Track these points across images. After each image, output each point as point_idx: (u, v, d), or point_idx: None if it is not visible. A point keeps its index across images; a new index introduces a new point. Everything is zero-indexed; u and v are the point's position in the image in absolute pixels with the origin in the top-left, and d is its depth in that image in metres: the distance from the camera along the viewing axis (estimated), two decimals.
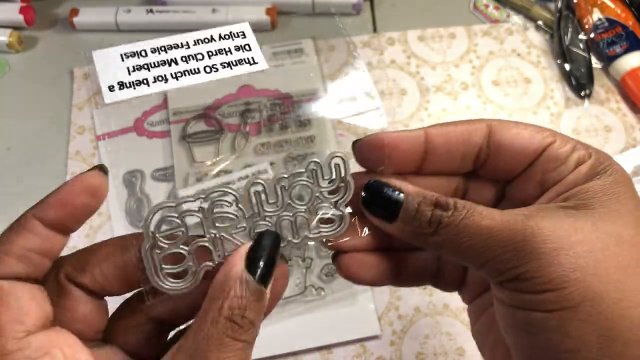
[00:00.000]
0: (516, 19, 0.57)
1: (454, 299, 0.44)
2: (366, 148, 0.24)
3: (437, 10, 0.58)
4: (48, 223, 0.22)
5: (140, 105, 0.52)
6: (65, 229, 0.23)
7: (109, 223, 0.47)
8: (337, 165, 0.24)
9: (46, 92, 0.53)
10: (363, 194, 0.24)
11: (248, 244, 0.22)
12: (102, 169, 0.23)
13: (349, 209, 0.24)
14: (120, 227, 0.47)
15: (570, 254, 0.20)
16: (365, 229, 0.25)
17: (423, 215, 0.22)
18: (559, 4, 0.56)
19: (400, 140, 0.24)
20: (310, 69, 0.53)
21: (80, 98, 0.53)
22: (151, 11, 0.56)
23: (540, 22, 0.57)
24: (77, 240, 0.46)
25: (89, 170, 0.22)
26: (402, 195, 0.23)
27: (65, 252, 0.47)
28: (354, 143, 0.25)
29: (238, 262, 0.21)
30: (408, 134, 0.24)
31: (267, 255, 0.22)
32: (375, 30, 0.56)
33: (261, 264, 0.22)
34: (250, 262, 0.22)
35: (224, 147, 0.49)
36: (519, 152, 0.23)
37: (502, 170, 0.24)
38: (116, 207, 0.47)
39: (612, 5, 0.55)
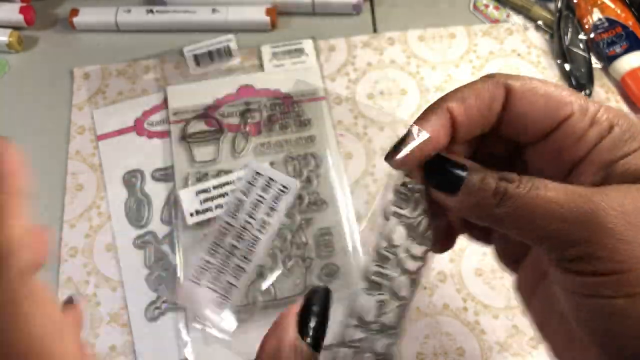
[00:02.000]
0: (516, 19, 0.57)
1: (454, 299, 0.44)
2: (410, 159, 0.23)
3: (437, 10, 0.58)
4: None
5: (140, 105, 0.52)
6: None
7: (109, 223, 0.47)
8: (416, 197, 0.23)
9: (46, 92, 0.53)
10: (426, 164, 0.23)
11: (298, 304, 0.22)
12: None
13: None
14: (120, 227, 0.47)
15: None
16: None
17: (488, 186, 0.21)
18: (559, 4, 0.56)
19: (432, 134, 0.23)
20: (310, 69, 0.53)
21: (80, 98, 0.53)
22: (151, 11, 0.56)
23: (540, 22, 0.57)
24: (76, 241, 0.46)
25: None
26: (465, 169, 0.22)
27: (65, 252, 0.47)
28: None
29: (290, 327, 0.21)
30: (435, 124, 0.23)
31: (319, 316, 0.21)
32: (375, 30, 0.56)
33: (312, 325, 0.21)
34: (303, 325, 0.21)
35: (224, 147, 0.49)
36: (533, 124, 0.22)
37: (518, 137, 0.23)
38: (116, 207, 0.48)
39: (612, 5, 0.55)
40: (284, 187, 0.23)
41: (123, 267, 0.45)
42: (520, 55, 0.55)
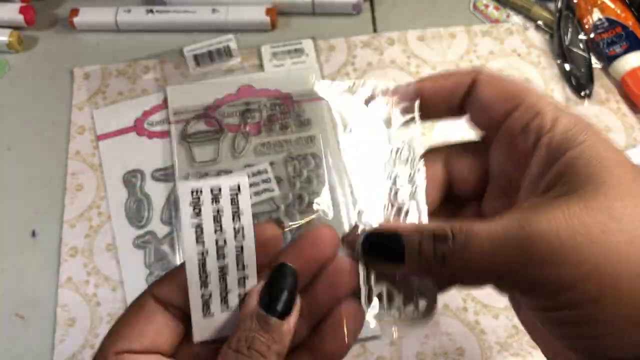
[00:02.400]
0: (516, 19, 0.57)
1: (454, 299, 0.44)
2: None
3: (437, 10, 0.58)
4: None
5: (140, 105, 0.52)
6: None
7: (108, 223, 0.47)
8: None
9: (46, 92, 0.53)
10: (362, 249, 0.24)
11: (262, 282, 0.23)
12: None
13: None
14: (120, 227, 0.47)
15: (574, 249, 0.19)
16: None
17: (427, 253, 0.22)
18: (559, 4, 0.56)
19: (399, 92, 0.26)
20: (310, 69, 0.53)
21: (80, 98, 0.53)
22: (151, 11, 0.56)
23: (540, 22, 0.57)
24: (77, 241, 0.46)
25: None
26: (402, 239, 0.23)
27: (65, 252, 0.47)
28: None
29: (251, 299, 0.22)
30: (405, 89, 0.26)
31: (278, 287, 0.22)
32: (375, 30, 0.56)
33: (275, 295, 0.22)
34: (263, 297, 0.22)
35: (224, 147, 0.49)
36: (487, 113, 0.24)
37: (480, 123, 0.25)
38: (116, 207, 0.48)
39: (612, 5, 0.55)
40: (233, 188, 0.23)
41: (123, 267, 0.45)
42: (520, 55, 0.55)
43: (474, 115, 0.25)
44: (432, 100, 0.26)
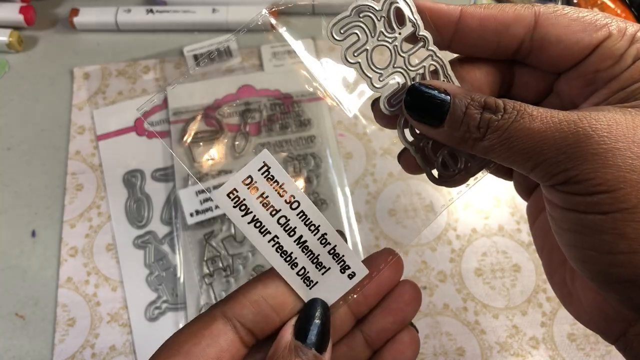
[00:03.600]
0: None
1: (454, 299, 0.44)
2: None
3: None
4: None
5: (140, 105, 0.52)
6: None
7: (108, 223, 0.47)
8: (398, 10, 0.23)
9: (46, 92, 0.53)
10: (406, 97, 0.22)
11: (295, 317, 0.23)
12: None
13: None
14: (120, 227, 0.47)
15: (627, 154, 0.18)
16: None
17: (472, 118, 0.21)
18: (559, 4, 0.56)
19: (432, 10, 0.23)
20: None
21: (80, 98, 0.53)
22: (151, 11, 0.56)
23: None
24: (76, 241, 0.46)
25: None
26: (448, 97, 0.21)
27: (65, 252, 0.47)
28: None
29: (287, 332, 0.22)
30: (443, 7, 0.23)
31: (316, 319, 0.22)
32: None
33: (310, 328, 0.22)
34: (299, 330, 0.22)
35: (224, 147, 0.49)
36: (567, 49, 0.22)
37: (549, 64, 0.23)
38: (116, 207, 0.48)
39: (612, 5, 0.55)
40: (261, 168, 0.23)
41: (123, 267, 0.45)
42: None
43: (546, 55, 0.22)
44: (477, 36, 0.22)
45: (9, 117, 0.52)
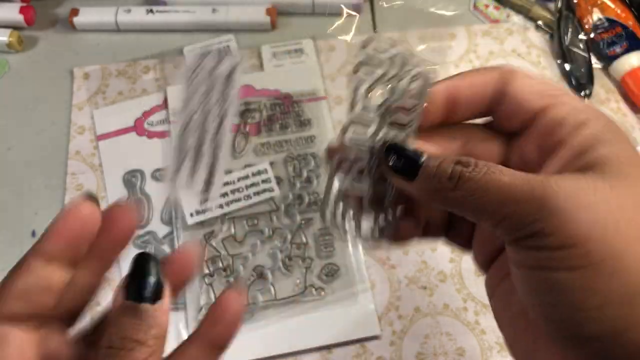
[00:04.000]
0: (516, 19, 0.57)
1: (454, 299, 0.44)
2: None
3: (437, 10, 0.58)
4: (47, 258, 0.22)
5: (140, 105, 0.52)
6: (66, 263, 0.23)
7: None
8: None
9: (46, 92, 0.53)
10: (386, 150, 0.24)
11: (123, 278, 0.23)
12: (91, 198, 0.23)
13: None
14: None
15: (591, 212, 0.19)
16: None
17: (444, 171, 0.22)
18: (559, 4, 0.56)
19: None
20: (310, 69, 0.53)
21: (80, 98, 0.53)
22: (151, 11, 0.56)
23: (540, 22, 0.57)
24: None
25: (79, 201, 0.22)
26: (423, 155, 0.23)
27: None
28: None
29: (117, 296, 0.22)
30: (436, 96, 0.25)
31: (140, 274, 0.23)
32: (375, 30, 0.56)
33: (136, 284, 0.22)
34: (128, 289, 0.22)
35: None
36: (524, 109, 0.24)
37: (507, 125, 0.25)
38: None
39: (612, 5, 0.55)
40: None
41: (123, 267, 0.45)
42: (520, 55, 0.55)
43: (508, 111, 0.25)
44: (468, 100, 0.25)
45: (9, 117, 0.52)
